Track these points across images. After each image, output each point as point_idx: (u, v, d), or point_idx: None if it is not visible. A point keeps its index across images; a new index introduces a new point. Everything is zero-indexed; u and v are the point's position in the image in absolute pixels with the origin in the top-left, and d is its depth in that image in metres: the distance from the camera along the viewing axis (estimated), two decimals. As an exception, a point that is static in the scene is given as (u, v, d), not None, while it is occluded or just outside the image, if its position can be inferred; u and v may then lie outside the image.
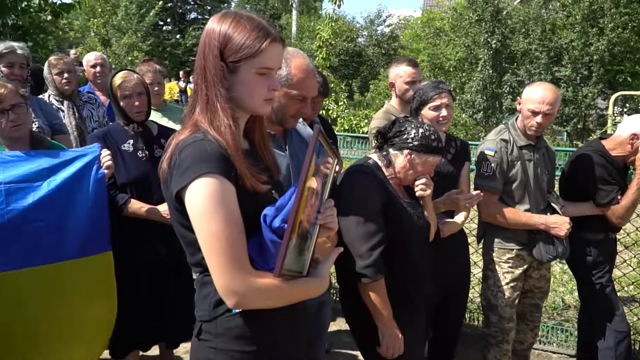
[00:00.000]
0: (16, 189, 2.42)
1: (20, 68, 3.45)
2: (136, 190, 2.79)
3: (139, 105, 2.82)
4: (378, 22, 27.70)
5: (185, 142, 1.39)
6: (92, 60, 4.62)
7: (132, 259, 2.76)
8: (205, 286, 1.48)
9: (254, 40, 1.40)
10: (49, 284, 2.50)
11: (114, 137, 2.85)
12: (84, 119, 4.01)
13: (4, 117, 2.52)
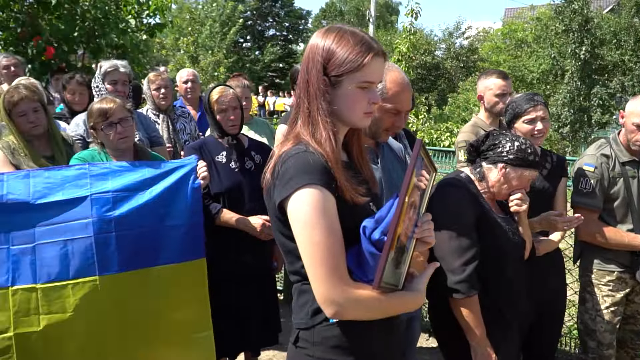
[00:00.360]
0: (122, 197, 2.57)
1: (123, 85, 3.70)
2: (228, 200, 2.90)
3: (234, 119, 2.95)
4: (457, 35, 27.20)
5: (289, 154, 1.44)
6: (184, 76, 4.89)
7: (221, 267, 2.84)
8: (303, 294, 1.51)
9: (357, 55, 1.43)
10: (146, 287, 2.61)
11: (209, 149, 2.99)
12: (177, 132, 4.25)
13: (112, 129, 2.71)
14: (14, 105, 2.89)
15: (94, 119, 2.74)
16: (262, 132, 4.30)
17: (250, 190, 2.95)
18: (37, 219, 2.47)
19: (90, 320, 2.49)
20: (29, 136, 2.94)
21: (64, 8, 6.29)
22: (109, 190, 2.57)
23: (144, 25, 6.97)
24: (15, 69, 4.74)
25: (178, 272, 2.66)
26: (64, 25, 6.19)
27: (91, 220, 2.49)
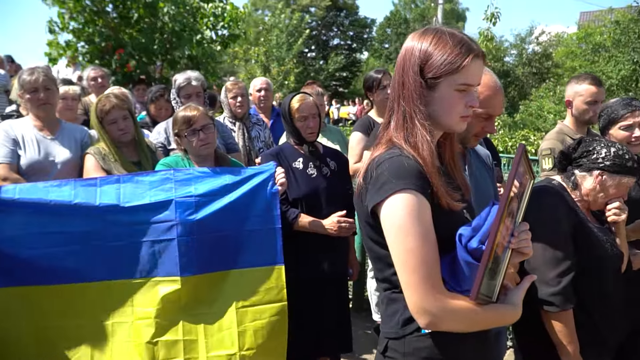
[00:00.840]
0: (204, 202, 2.65)
1: (197, 97, 3.80)
2: (306, 205, 2.92)
3: (313, 127, 2.97)
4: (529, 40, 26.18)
5: (382, 158, 1.41)
6: (257, 85, 4.99)
7: (298, 272, 2.85)
8: (394, 303, 1.47)
9: (456, 57, 1.38)
10: (224, 289, 2.67)
11: (286, 156, 3.02)
12: (252, 139, 4.34)
13: (195, 136, 2.80)
14: (105, 114, 3.05)
15: (178, 126, 2.83)
16: (335, 140, 4.31)
17: (327, 196, 2.96)
18: (125, 221, 2.59)
19: (172, 317, 2.60)
20: (118, 143, 3.10)
21: (144, 22, 6.64)
22: (192, 195, 2.65)
23: (219, 37, 7.22)
24: (101, 80, 5.05)
25: (255, 276, 2.70)
26: (144, 38, 6.53)
27: (175, 223, 2.59)
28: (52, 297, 2.54)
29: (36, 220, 2.55)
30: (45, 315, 2.56)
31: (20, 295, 2.52)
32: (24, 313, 2.53)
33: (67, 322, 2.58)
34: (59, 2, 6.42)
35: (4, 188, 2.61)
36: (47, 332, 2.57)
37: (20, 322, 2.54)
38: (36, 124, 3.18)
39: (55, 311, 2.57)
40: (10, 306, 2.51)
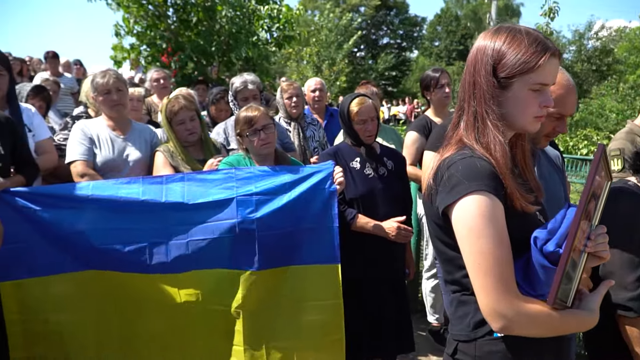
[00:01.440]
0: (264, 200, 2.71)
1: (253, 99, 3.84)
2: (363, 205, 2.93)
3: (372, 130, 2.97)
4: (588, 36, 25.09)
5: (453, 159, 1.39)
6: (312, 85, 5.03)
7: (356, 272, 2.87)
8: (464, 305, 1.46)
9: (532, 55, 1.35)
10: (282, 285, 2.74)
11: (343, 155, 3.03)
12: (307, 139, 4.38)
13: (256, 136, 2.86)
14: (174, 114, 3.17)
15: (240, 127, 2.90)
16: (390, 139, 4.29)
17: (384, 196, 2.95)
18: (189, 218, 2.68)
19: (233, 310, 2.69)
20: (185, 142, 3.20)
21: (202, 25, 6.83)
22: (253, 193, 2.71)
23: (274, 38, 7.33)
24: (164, 82, 5.23)
25: (313, 273, 2.74)
26: (202, 40, 6.72)
27: (236, 220, 2.66)
28: (120, 284, 2.68)
29: (107, 216, 2.68)
30: (112, 298, 2.71)
31: (91, 278, 2.66)
32: (96, 294, 2.68)
33: (128, 305, 2.72)
34: (124, 7, 6.71)
35: (79, 185, 2.76)
36: (111, 315, 2.72)
37: (90, 301, 2.69)
38: (109, 124, 3.32)
39: (121, 296, 2.71)
40: (84, 288, 2.67)
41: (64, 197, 2.70)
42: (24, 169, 2.91)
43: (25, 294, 2.62)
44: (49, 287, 2.63)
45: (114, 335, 2.74)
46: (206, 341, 2.73)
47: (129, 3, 6.77)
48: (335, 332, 2.76)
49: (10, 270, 2.58)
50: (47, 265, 2.62)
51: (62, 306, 2.67)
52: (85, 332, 2.71)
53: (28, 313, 2.64)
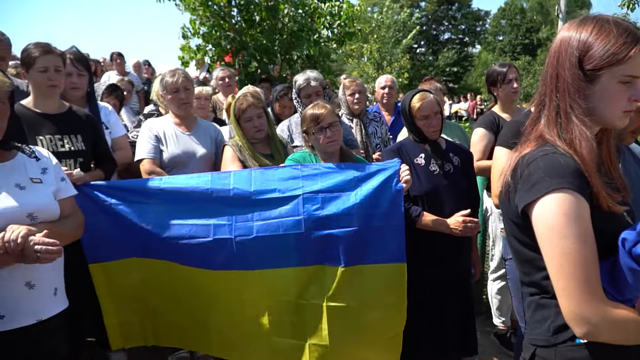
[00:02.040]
0: (330, 197, 2.72)
1: (316, 96, 3.87)
2: (428, 202, 2.88)
3: (436, 125, 2.92)
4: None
5: (534, 155, 1.34)
6: (382, 82, 5.03)
7: (420, 271, 2.82)
8: (543, 309, 1.40)
9: (621, 47, 1.28)
10: (347, 284, 2.71)
11: (407, 152, 2.99)
12: (369, 135, 4.36)
13: (322, 133, 2.87)
14: (242, 112, 3.24)
15: (306, 124, 2.92)
16: (455, 136, 4.19)
17: (450, 193, 2.89)
18: (256, 214, 2.73)
19: (297, 308, 2.72)
20: (252, 139, 3.27)
21: (265, 24, 6.95)
22: (319, 190, 2.73)
23: (335, 35, 7.34)
24: (229, 80, 5.37)
25: (378, 272, 2.71)
26: (265, 39, 6.83)
27: (302, 217, 2.68)
28: (187, 277, 2.77)
29: (176, 210, 2.78)
30: (181, 288, 2.84)
31: (162, 267, 2.79)
32: (167, 281, 2.83)
33: (194, 297, 2.83)
34: (191, 9, 6.93)
35: (152, 180, 2.88)
36: (180, 302, 2.87)
37: (163, 286, 2.86)
38: (175, 122, 3.45)
39: (188, 288, 2.82)
40: (156, 274, 2.83)
41: (138, 191, 2.83)
42: (102, 164, 3.07)
43: (109, 274, 2.84)
44: (125, 269, 2.83)
45: (185, 319, 2.88)
46: (269, 338, 2.76)
47: (195, 5, 6.99)
48: (394, 330, 2.75)
49: (96, 253, 2.79)
50: (122, 251, 2.80)
51: (140, 286, 2.87)
52: (161, 311, 2.92)
53: (114, 288, 2.88)
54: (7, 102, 2.01)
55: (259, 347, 2.79)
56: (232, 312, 2.78)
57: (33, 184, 2.08)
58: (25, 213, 1.98)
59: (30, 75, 2.82)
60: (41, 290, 2.05)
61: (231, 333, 2.84)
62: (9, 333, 1.95)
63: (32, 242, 1.85)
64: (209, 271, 2.73)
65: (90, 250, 2.78)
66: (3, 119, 1.99)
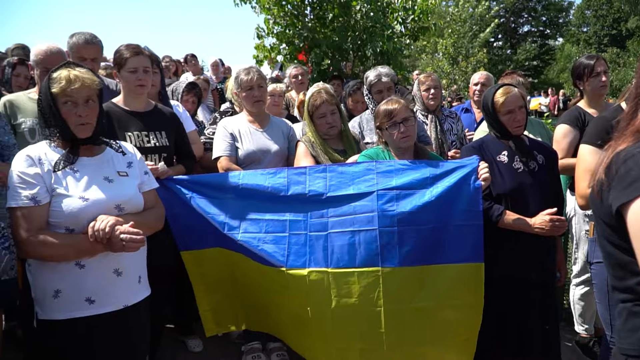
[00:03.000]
0: (405, 194, 2.67)
1: (387, 92, 3.83)
2: (511, 201, 2.75)
3: (521, 120, 2.79)
4: None
5: (631, 151, 1.25)
6: (476, 79, 4.91)
7: (500, 272, 2.69)
8: (635, 317, 1.30)
9: None
10: (423, 284, 2.65)
11: (489, 149, 2.88)
12: (444, 132, 4.25)
13: (396, 129, 2.83)
14: (316, 108, 3.27)
15: (379, 119, 2.89)
16: (537, 132, 3.99)
17: (535, 192, 2.75)
18: (330, 210, 2.74)
19: (371, 308, 2.64)
20: (325, 135, 3.29)
21: (338, 21, 6.95)
22: (393, 187, 2.69)
23: (408, 30, 7.21)
24: (302, 78, 5.44)
25: (455, 273, 2.64)
26: (338, 36, 6.83)
27: (376, 214, 2.64)
28: (255, 273, 2.83)
29: (254, 205, 2.85)
30: (243, 284, 2.97)
31: (236, 259, 2.88)
32: (240, 271, 2.94)
33: (265, 297, 2.90)
34: (266, 9, 7.08)
35: (231, 174, 2.97)
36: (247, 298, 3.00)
37: (241, 278, 2.98)
38: (249, 119, 3.53)
39: (253, 285, 2.91)
40: (233, 265, 2.95)
41: (217, 186, 2.93)
42: (184, 159, 3.20)
43: (200, 262, 3.00)
44: (212, 258, 2.96)
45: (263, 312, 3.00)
46: (341, 341, 2.72)
47: (269, 5, 7.12)
48: (468, 333, 2.66)
49: (185, 242, 2.96)
50: (207, 241, 2.93)
51: (226, 274, 3.01)
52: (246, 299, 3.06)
53: (204, 276, 3.03)
54: (96, 100, 2.14)
55: (332, 348, 2.77)
56: (303, 309, 2.76)
57: (120, 177, 2.21)
58: (113, 204, 2.10)
59: (121, 75, 2.99)
60: (127, 278, 2.17)
61: (301, 329, 2.85)
62: (98, 317, 2.08)
63: (119, 231, 1.97)
64: (281, 270, 2.72)
65: (180, 239, 2.94)
66: (93, 115, 2.13)
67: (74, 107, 2.06)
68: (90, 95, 2.10)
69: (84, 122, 2.09)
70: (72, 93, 2.05)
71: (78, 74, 2.07)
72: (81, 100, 2.07)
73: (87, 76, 2.09)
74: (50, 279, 2.03)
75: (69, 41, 3.44)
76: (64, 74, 2.06)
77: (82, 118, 2.08)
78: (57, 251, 1.98)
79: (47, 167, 2.04)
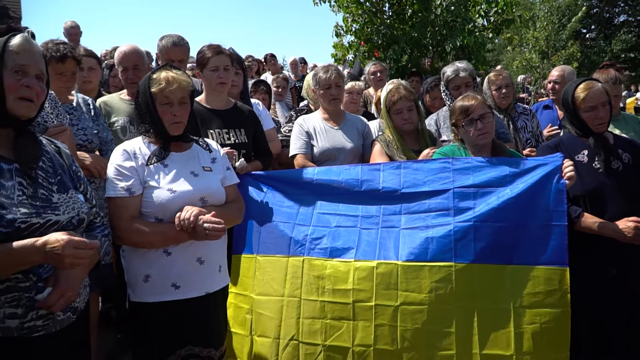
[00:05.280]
0: (483, 192, 2.62)
1: (466, 87, 3.69)
2: (590, 203, 2.61)
3: (603, 117, 2.65)
4: None
5: None
6: (554, 75, 4.70)
7: (585, 279, 2.54)
8: None
9: None
10: (499, 283, 2.54)
11: (567, 147, 2.75)
12: (518, 130, 4.08)
13: (472, 126, 2.77)
14: (393, 104, 3.28)
15: (455, 116, 2.85)
16: (630, 129, 3.76)
17: (617, 193, 2.60)
18: (403, 206, 2.73)
19: (441, 304, 2.55)
20: (401, 131, 3.28)
21: (417, 17, 6.86)
22: (471, 185, 2.64)
23: (491, 24, 6.97)
24: (380, 75, 5.44)
25: (537, 275, 2.52)
26: (417, 32, 6.75)
27: (452, 212, 2.61)
28: (319, 269, 2.71)
29: (328, 200, 2.89)
30: (314, 286, 2.73)
31: (299, 265, 2.78)
32: (297, 280, 2.76)
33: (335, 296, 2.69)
34: (344, 7, 7.13)
35: (306, 169, 3.05)
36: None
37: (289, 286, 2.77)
38: (325, 117, 3.59)
39: (322, 285, 2.71)
40: (289, 273, 2.79)
41: (293, 182, 3.02)
42: (261, 155, 3.33)
43: (240, 269, 2.89)
44: (258, 265, 2.86)
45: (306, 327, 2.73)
46: (413, 340, 2.57)
47: (348, 3, 7.16)
48: (558, 346, 2.47)
49: (238, 245, 2.92)
50: (262, 244, 2.88)
51: (264, 286, 2.82)
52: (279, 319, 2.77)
53: (239, 288, 2.90)
54: (188, 100, 2.30)
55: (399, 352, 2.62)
56: (369, 307, 2.64)
57: (205, 171, 2.35)
58: (198, 197, 2.24)
59: (203, 74, 3.13)
60: (209, 266, 2.31)
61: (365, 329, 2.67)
62: (183, 302, 2.23)
63: (202, 220, 2.11)
64: (350, 262, 2.68)
65: (237, 241, 2.90)
66: (185, 115, 2.28)
67: (169, 106, 2.22)
68: (184, 96, 2.26)
69: (178, 121, 2.25)
70: (169, 94, 2.21)
71: (176, 76, 2.24)
72: (176, 101, 2.23)
73: (183, 78, 2.25)
74: (140, 264, 2.22)
75: (158, 44, 3.68)
76: (163, 75, 2.23)
77: (176, 117, 2.24)
78: (147, 238, 2.15)
79: (140, 161, 2.22)
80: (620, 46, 29.14)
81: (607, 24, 35.61)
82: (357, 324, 2.63)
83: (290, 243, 2.82)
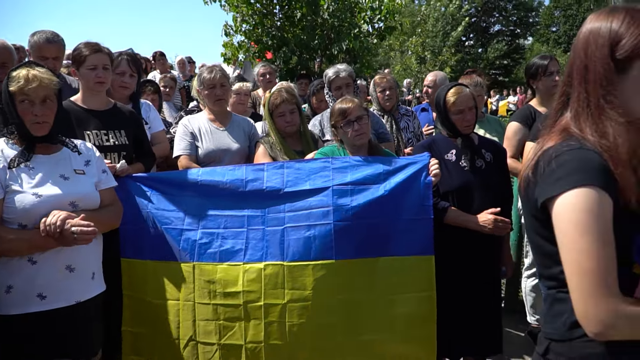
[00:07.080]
0: (359, 190, 2.76)
1: (346, 87, 3.88)
2: (457, 198, 2.86)
3: (470, 119, 2.90)
4: None
5: (558, 150, 1.29)
6: (428, 79, 5.01)
7: (447, 267, 2.79)
8: (559, 303, 1.36)
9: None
10: (375, 275, 2.73)
11: (439, 147, 2.98)
12: (400, 130, 4.35)
13: (350, 127, 2.91)
14: (276, 107, 3.33)
15: (334, 118, 2.97)
16: (493, 131, 4.14)
17: (480, 189, 2.86)
18: (287, 205, 2.80)
19: (324, 298, 2.69)
20: (284, 133, 3.35)
21: (306, 20, 7.01)
22: (348, 182, 2.77)
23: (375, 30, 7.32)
24: (269, 76, 5.47)
25: (406, 265, 2.73)
26: (306, 35, 6.90)
27: (331, 208, 2.72)
28: (214, 275, 2.75)
29: (213, 201, 2.87)
30: (205, 290, 2.75)
31: (186, 270, 2.78)
32: (188, 285, 2.78)
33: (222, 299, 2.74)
34: (234, 7, 7.09)
35: (190, 171, 3.00)
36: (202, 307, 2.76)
37: (182, 291, 2.78)
38: (210, 117, 3.55)
39: (213, 288, 2.74)
40: (178, 278, 2.78)
41: (177, 183, 2.95)
42: (143, 157, 3.22)
43: (132, 273, 2.86)
44: (150, 270, 2.83)
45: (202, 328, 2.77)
46: (295, 336, 2.70)
47: (238, 3, 7.13)
48: (426, 325, 2.73)
49: (126, 248, 2.85)
50: (152, 249, 2.83)
51: (159, 291, 2.82)
52: (176, 320, 2.80)
53: (134, 291, 2.87)
54: (54, 99, 2.17)
55: (293, 346, 2.73)
56: (259, 308, 2.71)
57: (76, 174, 2.24)
58: (67, 201, 2.14)
59: (79, 72, 2.97)
60: (80, 274, 2.21)
61: (260, 331, 2.73)
62: (50, 312, 2.11)
63: (69, 224, 2.01)
64: (239, 265, 2.73)
65: (124, 244, 2.83)
66: (50, 115, 2.16)
67: (30, 105, 2.10)
68: (47, 95, 2.14)
69: (40, 121, 2.13)
70: (29, 92, 2.09)
71: (37, 73, 2.11)
72: (38, 100, 2.11)
73: (45, 76, 2.13)
74: (2, 275, 2.07)
75: (30, 40, 3.43)
76: (23, 73, 2.10)
77: (38, 117, 2.11)
78: (10, 246, 2.02)
79: (2, 164, 2.07)
80: (494, 54, 31.90)
81: (483, 32, 38.76)
82: (248, 324, 2.71)
83: (180, 249, 2.80)
